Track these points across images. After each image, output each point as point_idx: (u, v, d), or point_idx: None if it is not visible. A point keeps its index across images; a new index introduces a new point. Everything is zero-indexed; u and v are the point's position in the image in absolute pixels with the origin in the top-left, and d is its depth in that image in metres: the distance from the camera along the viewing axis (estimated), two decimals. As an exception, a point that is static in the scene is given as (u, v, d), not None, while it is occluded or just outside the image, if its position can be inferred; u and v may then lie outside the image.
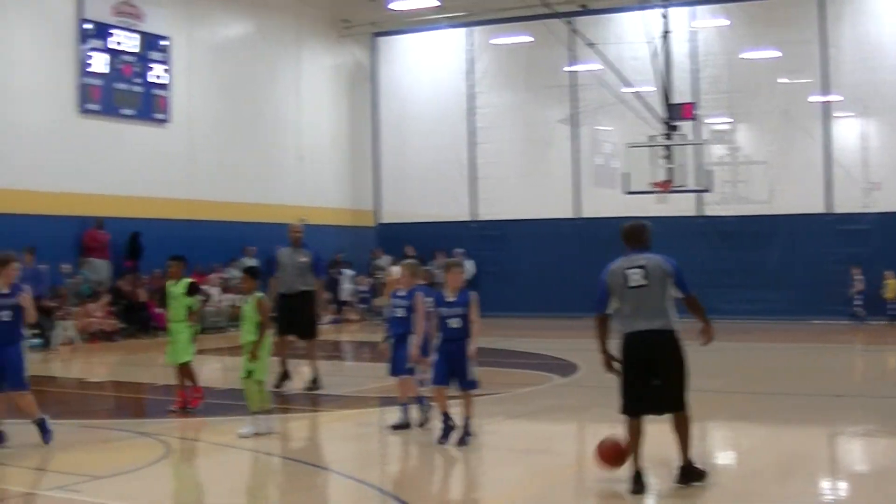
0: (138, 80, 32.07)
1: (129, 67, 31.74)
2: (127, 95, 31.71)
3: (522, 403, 17.15)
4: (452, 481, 11.96)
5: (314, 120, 38.79)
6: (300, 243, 18.47)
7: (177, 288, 15.86)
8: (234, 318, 32.15)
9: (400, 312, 13.60)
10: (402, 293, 13.57)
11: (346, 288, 37.03)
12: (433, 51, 40.36)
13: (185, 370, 15.86)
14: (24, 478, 11.05)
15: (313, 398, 17.61)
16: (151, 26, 32.49)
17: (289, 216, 35.23)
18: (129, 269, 30.61)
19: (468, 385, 12.57)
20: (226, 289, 32.86)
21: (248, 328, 13.71)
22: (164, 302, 16.36)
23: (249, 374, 13.59)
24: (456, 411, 12.74)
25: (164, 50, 32.91)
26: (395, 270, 16.01)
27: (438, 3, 35.96)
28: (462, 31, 39.50)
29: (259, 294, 14.02)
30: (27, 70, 29.10)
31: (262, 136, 36.55)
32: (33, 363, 23.72)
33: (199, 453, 13.23)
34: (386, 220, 40.74)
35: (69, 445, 12.73)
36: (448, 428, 12.54)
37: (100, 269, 30.20)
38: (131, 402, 18.75)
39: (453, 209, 38.82)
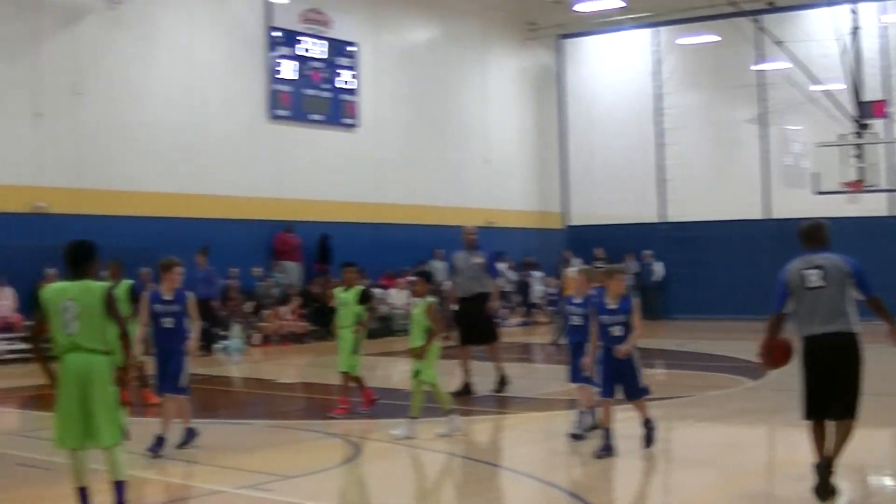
0: (326, 86, 32.18)
1: (317, 73, 31.88)
2: (316, 101, 31.85)
3: (712, 407, 16.59)
4: (641, 486, 11.37)
5: (500, 123, 38.35)
6: (475, 246, 18.14)
7: (348, 294, 15.42)
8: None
9: (577, 320, 12.92)
10: (578, 300, 12.97)
11: (536, 290, 36.55)
12: (619, 52, 39.52)
13: (349, 377, 15.43)
14: (216, 476, 10.99)
15: (500, 400, 17.24)
16: (339, 32, 32.56)
17: (476, 219, 35.03)
18: (320, 273, 30.73)
19: (638, 393, 11.89)
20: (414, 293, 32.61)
21: (417, 333, 13.28)
22: (332, 307, 15.94)
23: (417, 373, 13.24)
24: (628, 416, 12.19)
25: (351, 56, 32.95)
26: (571, 273, 15.42)
27: (623, 4, 35.18)
28: (648, 31, 38.59)
29: (430, 299, 13.56)
30: (218, 78, 29.43)
31: (449, 140, 36.29)
32: (225, 365, 24.66)
33: (387, 454, 12.91)
34: (574, 222, 40.12)
35: (260, 445, 12.74)
36: (608, 447, 11.70)
37: (291, 272, 30.40)
38: (321, 404, 18.47)
39: (642, 211, 37.91)
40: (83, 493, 8.68)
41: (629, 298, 11.99)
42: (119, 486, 8.60)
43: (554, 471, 11.82)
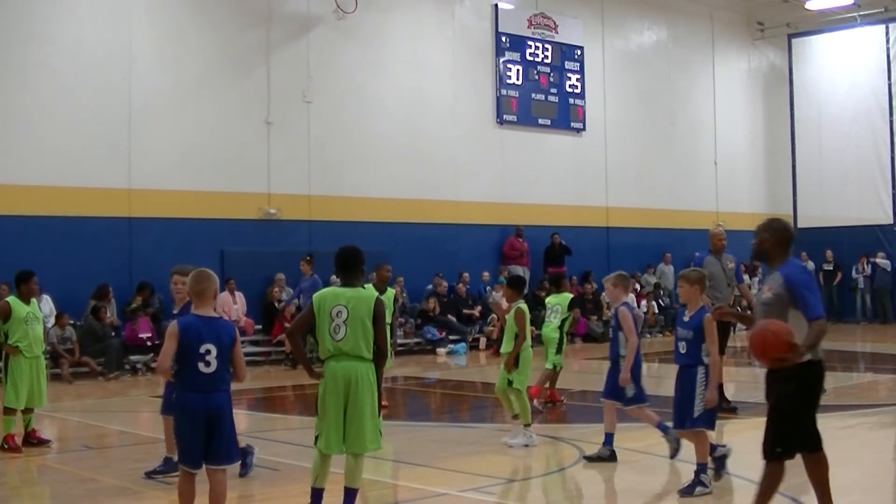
0: (554, 90, 31.07)
1: (544, 78, 30.83)
2: (543, 105, 30.81)
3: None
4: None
5: (729, 124, 36.47)
6: (723, 249, 16.44)
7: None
8: (649, 324, 31.13)
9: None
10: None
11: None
12: (849, 49, 36.83)
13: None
14: (441, 479, 10.48)
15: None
16: (565, 37, 31.37)
17: (704, 222, 33.75)
18: (549, 277, 29.64)
19: (690, 423, 9.76)
20: (640, 295, 31.41)
21: (509, 338, 12.38)
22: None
23: (509, 383, 12.35)
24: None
25: (578, 59, 31.69)
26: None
27: (853, 2, 33.40)
28: (879, 28, 35.97)
29: (520, 304, 12.49)
30: (446, 84, 28.69)
31: (677, 142, 34.62)
32: (451, 369, 23.92)
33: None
34: (804, 224, 37.82)
35: (485, 448, 12.31)
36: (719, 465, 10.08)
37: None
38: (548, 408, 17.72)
39: (873, 212, 35.49)
40: (319, 495, 8.44)
41: (702, 312, 9.86)
42: (352, 494, 8.47)
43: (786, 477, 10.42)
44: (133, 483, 10.59)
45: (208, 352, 7.73)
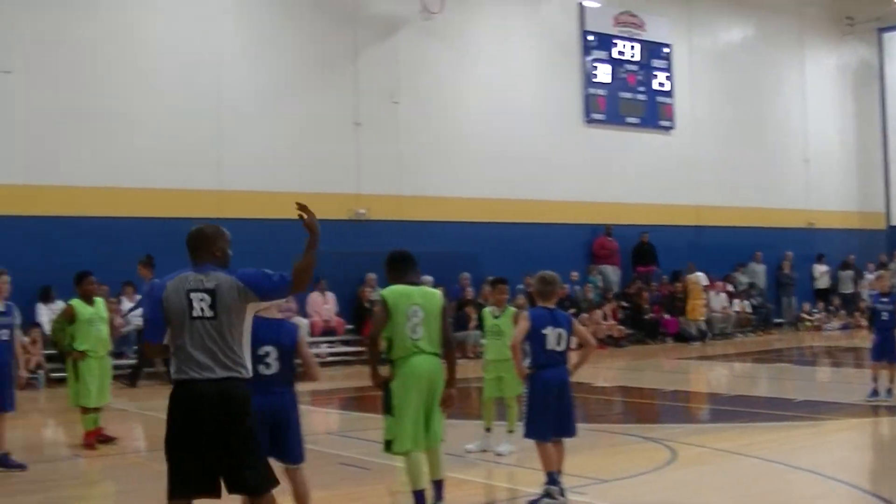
0: (642, 89, 30.14)
1: (632, 76, 29.93)
2: (631, 104, 29.92)
3: None
4: None
5: (819, 121, 34.97)
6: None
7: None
8: (741, 323, 30.16)
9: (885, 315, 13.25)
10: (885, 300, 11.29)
11: (860, 292, 33.24)
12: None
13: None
14: (535, 479, 9.72)
15: (815, 406, 15.25)
16: (653, 35, 30.43)
17: (795, 220, 32.74)
18: (638, 276, 28.84)
19: None
20: (732, 295, 30.38)
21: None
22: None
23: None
24: None
25: (665, 57, 30.73)
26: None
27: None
28: (974, 19, 34.66)
29: (513, 308, 11.85)
30: (532, 84, 27.96)
31: (766, 140, 33.32)
32: None
33: (704, 460, 11.58)
34: (896, 222, 36.73)
35: (577, 448, 11.25)
36: None
37: (608, 275, 28.54)
38: (638, 407, 17.25)
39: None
40: (422, 496, 8.19)
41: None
42: (439, 485, 8.42)
43: (881, 480, 10.44)
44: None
45: (267, 354, 7.43)
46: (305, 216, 6.58)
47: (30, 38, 20.88)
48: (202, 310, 6.40)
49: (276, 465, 7.07)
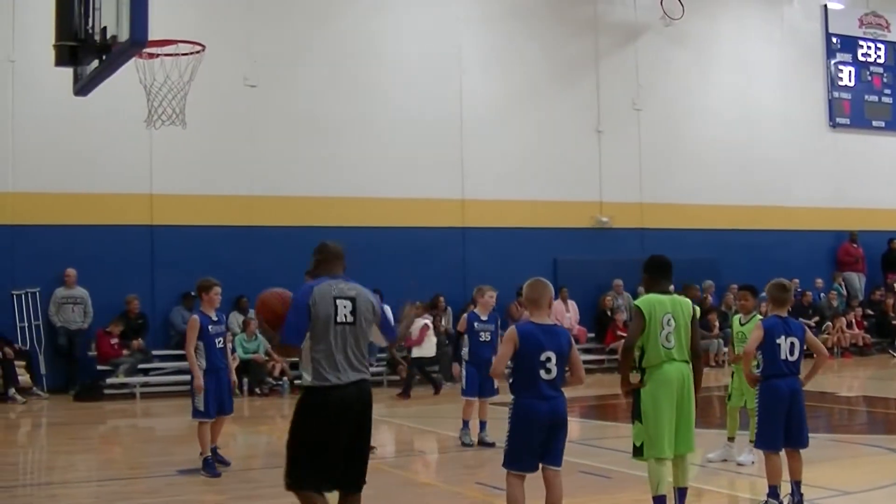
0: (888, 91, 28.99)
1: (878, 79, 28.83)
2: (877, 107, 28.80)
3: None
4: None
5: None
6: None
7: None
8: None
9: None
10: None
11: None
12: None
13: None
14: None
15: None
16: (898, 35, 29.27)
17: None
18: (887, 283, 27.77)
19: None
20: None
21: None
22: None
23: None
24: None
25: (911, 59, 29.55)
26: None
27: None
28: None
29: (759, 315, 10.94)
30: (774, 88, 27.24)
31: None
32: None
33: None
34: None
35: (820, 459, 11.12)
36: None
37: (853, 283, 27.58)
38: (883, 418, 16.59)
39: None
40: (663, 501, 8.12)
41: None
42: (683, 493, 8.29)
43: None
44: (465, 488, 10.48)
45: (549, 359, 7.47)
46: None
47: (273, 52, 21.38)
48: (345, 316, 6.98)
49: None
